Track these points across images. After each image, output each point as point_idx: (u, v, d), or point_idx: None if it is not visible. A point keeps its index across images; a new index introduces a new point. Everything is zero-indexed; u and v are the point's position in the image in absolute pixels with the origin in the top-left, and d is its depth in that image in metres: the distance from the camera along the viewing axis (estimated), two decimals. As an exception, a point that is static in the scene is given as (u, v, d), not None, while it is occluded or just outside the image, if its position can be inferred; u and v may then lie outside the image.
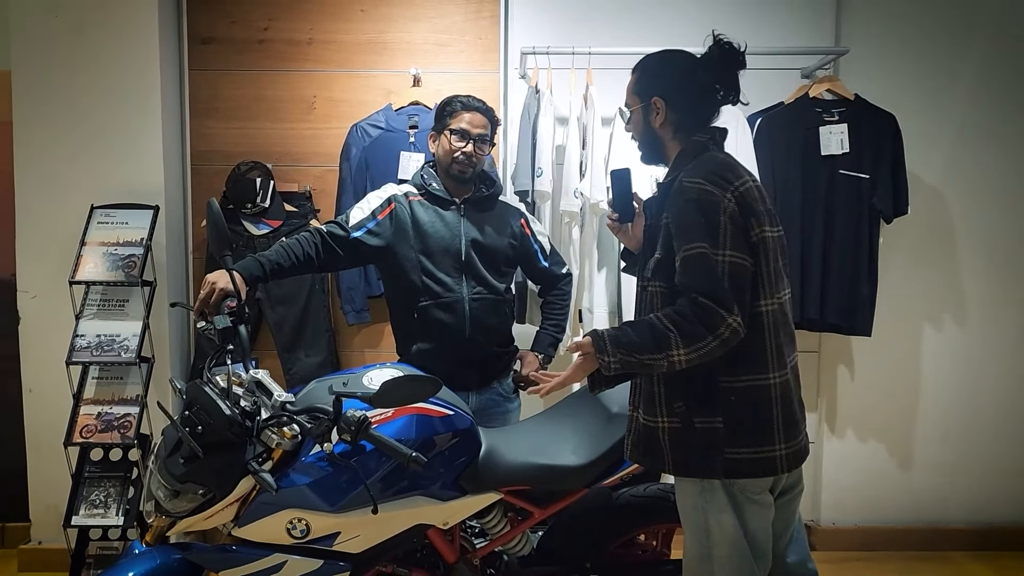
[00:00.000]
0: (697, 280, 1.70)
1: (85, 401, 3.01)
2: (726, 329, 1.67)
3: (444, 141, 2.46)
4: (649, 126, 1.93)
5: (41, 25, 3.16)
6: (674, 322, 1.70)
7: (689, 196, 1.74)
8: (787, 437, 1.79)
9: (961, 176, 3.42)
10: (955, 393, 3.52)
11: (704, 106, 1.91)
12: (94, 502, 2.96)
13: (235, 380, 1.91)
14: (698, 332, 1.68)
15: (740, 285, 1.70)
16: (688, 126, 1.90)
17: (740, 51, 1.88)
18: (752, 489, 1.81)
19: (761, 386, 1.78)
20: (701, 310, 1.68)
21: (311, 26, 3.36)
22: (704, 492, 1.82)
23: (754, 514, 1.82)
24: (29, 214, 3.21)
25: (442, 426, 1.98)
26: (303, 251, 2.34)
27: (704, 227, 1.71)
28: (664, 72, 1.92)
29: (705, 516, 1.82)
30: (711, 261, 1.69)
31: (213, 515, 1.86)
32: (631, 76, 1.98)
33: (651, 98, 1.91)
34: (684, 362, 1.69)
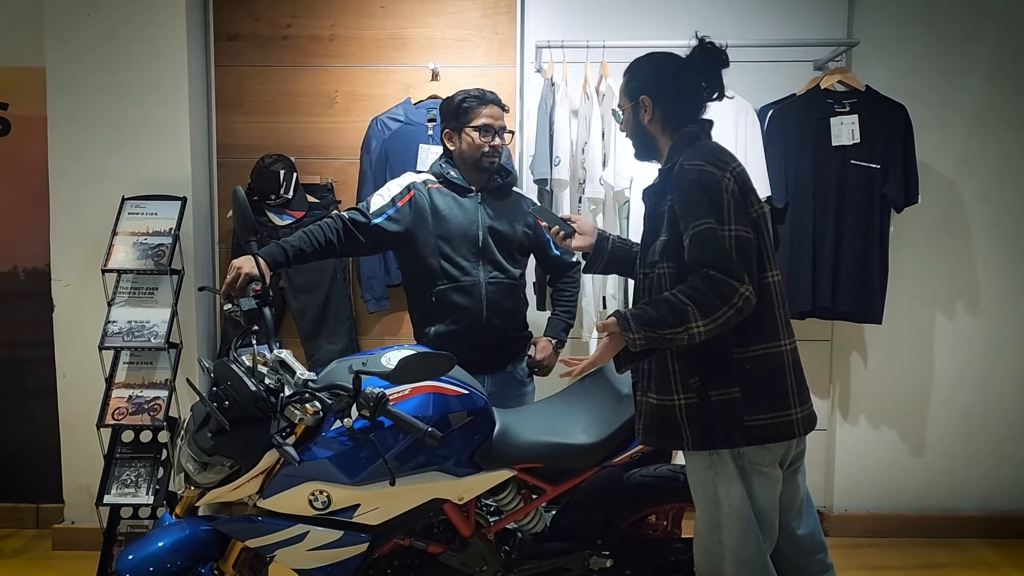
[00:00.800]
0: (707, 254, 1.79)
1: (116, 385, 3.13)
2: (739, 299, 1.75)
3: (469, 138, 2.53)
4: (640, 124, 2.04)
5: (74, 24, 3.28)
6: (689, 297, 1.78)
7: (692, 177, 1.83)
8: (800, 402, 1.90)
9: (972, 165, 3.45)
10: (967, 380, 3.55)
11: (690, 102, 2.02)
12: (125, 482, 3.08)
13: (260, 359, 2.01)
14: (713, 304, 1.76)
15: (747, 257, 1.79)
16: (675, 121, 2.00)
17: (722, 50, 1.99)
18: (761, 460, 1.89)
19: (774, 353, 1.88)
20: (713, 283, 1.76)
21: (332, 22, 3.45)
22: (714, 465, 1.89)
23: (762, 486, 1.90)
24: (62, 206, 3.34)
25: (457, 404, 2.06)
26: (325, 237, 2.43)
27: (709, 204, 1.80)
28: (650, 73, 2.03)
29: (715, 488, 1.90)
30: (719, 235, 1.78)
31: (239, 487, 1.94)
32: (622, 80, 2.09)
33: (639, 97, 2.01)
34: (703, 333, 1.77)
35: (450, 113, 2.57)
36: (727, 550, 1.91)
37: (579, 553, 2.26)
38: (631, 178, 3.18)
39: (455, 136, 2.57)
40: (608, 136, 3.14)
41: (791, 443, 1.96)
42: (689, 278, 1.81)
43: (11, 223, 3.57)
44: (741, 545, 1.90)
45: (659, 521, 2.46)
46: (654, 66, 2.04)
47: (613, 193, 3.15)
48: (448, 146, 2.60)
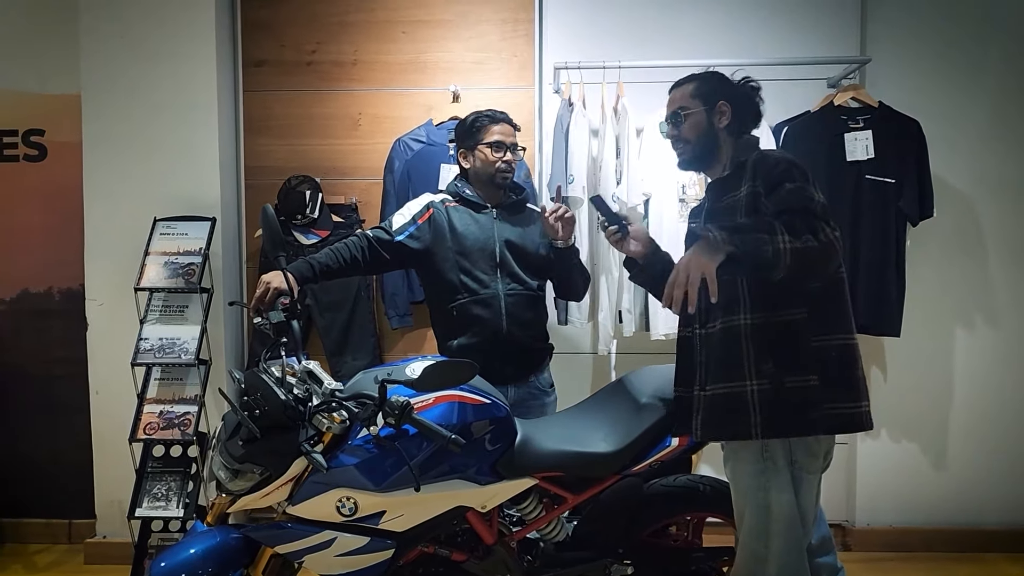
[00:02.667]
0: (794, 201, 1.82)
1: (148, 400, 3.22)
2: (824, 235, 1.74)
3: (481, 155, 2.61)
4: (712, 127, 2.11)
5: (109, 50, 3.41)
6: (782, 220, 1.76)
7: (777, 157, 1.95)
8: (867, 395, 1.97)
9: (986, 179, 3.47)
10: (988, 393, 3.54)
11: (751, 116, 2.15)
12: (156, 495, 3.16)
13: (289, 370, 2.08)
14: (799, 228, 1.73)
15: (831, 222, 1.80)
16: (739, 131, 2.11)
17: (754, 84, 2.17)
18: (810, 467, 1.94)
19: (851, 345, 1.94)
20: (800, 216, 1.77)
21: (356, 48, 3.56)
22: (767, 471, 1.94)
23: (808, 491, 1.96)
24: (97, 227, 3.45)
25: (480, 413, 2.11)
26: (351, 254, 2.52)
27: (798, 174, 1.88)
28: (724, 82, 2.15)
29: (767, 494, 1.94)
30: (807, 192, 1.84)
31: (269, 494, 2.01)
32: (687, 85, 2.16)
33: (718, 102, 2.10)
34: (789, 251, 1.70)
35: (464, 133, 2.66)
36: (772, 555, 1.95)
37: (600, 562, 2.29)
38: (643, 194, 3.24)
39: (469, 155, 2.65)
40: (623, 154, 3.20)
41: (830, 449, 2.02)
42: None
43: (47, 245, 3.69)
44: (787, 551, 1.95)
45: (679, 531, 2.47)
46: (725, 78, 2.17)
47: (626, 210, 3.21)
48: (464, 165, 2.69)
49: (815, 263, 1.76)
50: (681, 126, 2.16)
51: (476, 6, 3.53)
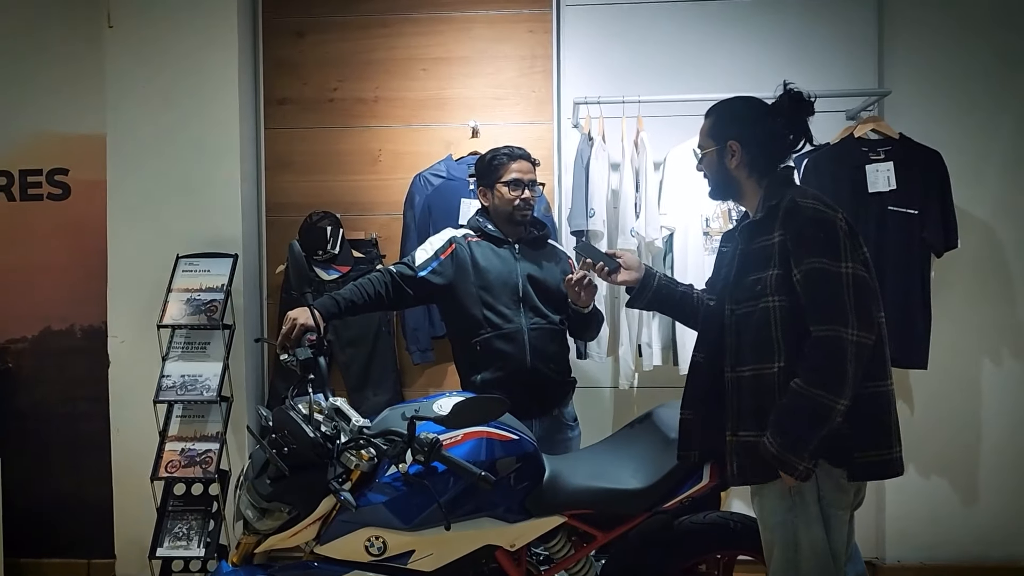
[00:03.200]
0: (820, 294, 1.81)
1: (170, 438, 3.21)
2: (851, 347, 1.76)
3: (500, 193, 2.63)
4: (724, 167, 2.08)
5: (134, 92, 3.46)
6: (814, 383, 1.79)
7: (808, 214, 1.86)
8: (899, 440, 1.93)
9: (1010, 209, 3.45)
10: (1017, 427, 3.48)
11: (777, 148, 2.06)
12: (177, 535, 3.13)
13: (316, 407, 2.07)
14: (837, 370, 1.77)
15: (864, 294, 1.81)
16: (761, 167, 2.04)
17: (809, 99, 2.02)
18: (839, 503, 1.91)
19: (883, 392, 1.90)
20: (824, 348, 1.79)
21: (377, 85, 3.60)
22: (795, 507, 1.90)
23: (839, 528, 1.92)
24: (120, 265, 3.47)
25: (508, 450, 2.09)
26: (375, 290, 2.52)
27: (825, 241, 1.83)
28: (738, 117, 2.07)
29: (795, 530, 1.91)
30: (832, 274, 1.81)
31: (297, 533, 1.99)
32: (705, 120, 2.14)
33: (727, 141, 2.05)
34: (846, 405, 1.77)
35: (483, 170, 2.68)
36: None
37: (630, 601, 2.26)
38: (666, 228, 3.24)
39: (488, 192, 2.67)
40: (642, 188, 3.20)
41: (862, 487, 1.99)
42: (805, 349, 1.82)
43: (69, 283, 3.71)
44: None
45: (710, 569, 2.43)
46: (742, 111, 2.08)
47: (645, 244, 3.21)
48: (483, 202, 2.71)
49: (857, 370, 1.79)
50: (701, 163, 2.16)
51: (495, 44, 3.57)
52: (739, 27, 3.47)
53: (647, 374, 3.39)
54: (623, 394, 3.50)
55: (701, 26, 3.48)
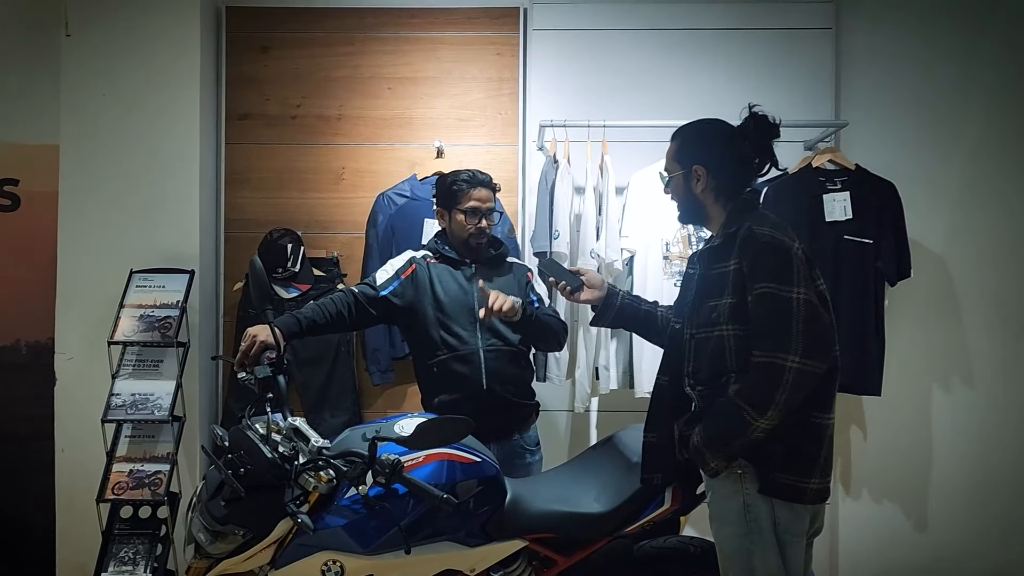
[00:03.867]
0: (769, 318, 1.84)
1: (118, 459, 3.09)
2: (790, 373, 1.79)
3: (457, 219, 2.62)
4: (690, 191, 2.09)
5: (90, 103, 3.37)
6: (742, 396, 1.84)
7: (763, 240, 1.88)
8: (821, 474, 1.91)
9: (962, 241, 3.54)
10: (968, 454, 3.56)
11: (742, 172, 2.07)
12: (123, 559, 3.01)
13: (274, 427, 2.02)
14: (765, 394, 1.81)
15: (815, 322, 1.82)
16: (728, 191, 2.05)
17: (774, 122, 2.04)
18: (795, 529, 1.91)
19: (822, 425, 1.92)
20: (760, 371, 1.82)
21: (341, 103, 3.58)
22: (751, 534, 1.91)
23: (795, 555, 1.93)
24: (70, 279, 3.36)
25: (470, 472, 2.07)
26: (336, 309, 2.49)
27: (779, 266, 1.85)
28: (704, 141, 2.08)
29: (750, 556, 1.92)
30: (784, 301, 1.82)
31: (251, 556, 1.94)
32: (671, 143, 2.14)
33: (692, 166, 2.06)
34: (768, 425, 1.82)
35: (442, 193, 2.68)
36: None
37: (590, 626, 2.24)
38: (627, 251, 3.26)
39: (446, 215, 2.67)
40: (604, 211, 3.23)
41: (817, 515, 2.00)
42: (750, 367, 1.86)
43: (16, 297, 3.60)
44: None
45: (669, 594, 2.43)
46: (708, 135, 2.09)
47: (604, 265, 3.23)
48: (440, 223, 2.71)
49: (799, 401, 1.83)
50: (668, 186, 2.17)
51: (461, 64, 3.57)
52: (702, 56, 3.53)
53: (605, 398, 3.39)
54: (580, 417, 3.50)
55: (666, 54, 3.54)
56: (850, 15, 3.55)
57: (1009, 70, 3.54)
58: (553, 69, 3.55)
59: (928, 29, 3.55)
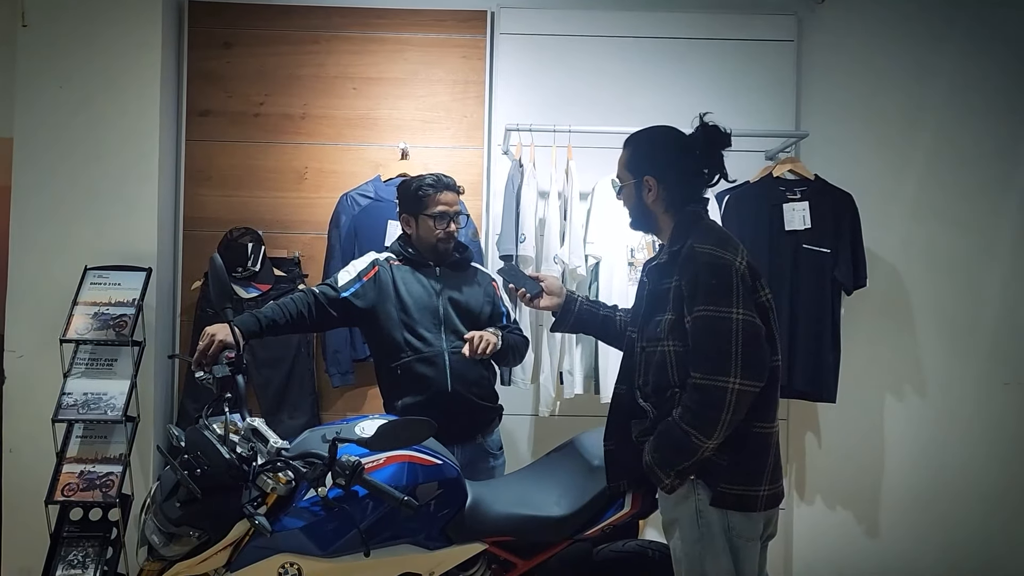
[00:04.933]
0: (706, 342, 1.85)
1: (68, 460, 3.02)
2: (732, 395, 1.81)
3: (425, 225, 2.60)
4: (641, 201, 2.09)
5: (46, 96, 3.31)
6: (688, 422, 1.85)
7: (703, 260, 1.88)
8: (771, 480, 1.94)
9: (917, 251, 3.64)
10: (919, 460, 3.65)
11: (693, 183, 2.07)
12: (72, 562, 2.94)
13: (232, 427, 1.99)
14: (709, 417, 1.83)
15: (752, 342, 1.83)
16: (678, 201, 2.05)
17: (725, 132, 2.05)
18: (747, 533, 1.93)
19: (766, 433, 1.94)
20: (702, 394, 1.84)
21: (305, 102, 3.55)
22: (703, 539, 1.92)
23: (748, 559, 1.94)
24: (22, 276, 3.29)
25: (431, 474, 2.06)
26: (296, 309, 2.47)
27: (717, 288, 1.85)
28: (655, 152, 2.08)
29: (702, 561, 1.93)
30: (723, 323, 1.83)
31: (206, 559, 1.91)
32: (623, 151, 2.14)
33: (643, 176, 2.06)
34: (715, 444, 1.85)
35: (407, 199, 2.65)
36: None
37: (549, 630, 2.24)
38: (593, 257, 3.28)
39: (412, 221, 2.64)
40: (569, 216, 3.24)
41: (771, 519, 2.03)
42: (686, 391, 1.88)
43: (-37, 293, 3.50)
44: None
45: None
46: (660, 145, 2.08)
47: (568, 270, 3.24)
48: (406, 230, 2.68)
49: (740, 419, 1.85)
50: (620, 195, 2.18)
51: (428, 66, 3.57)
52: (668, 65, 3.58)
53: (569, 402, 3.40)
54: (544, 422, 3.50)
55: (632, 62, 3.58)
56: (812, 29, 3.64)
57: (961, 86, 3.65)
58: (520, 73, 3.56)
59: (886, 44, 3.65)
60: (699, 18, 3.59)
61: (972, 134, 3.65)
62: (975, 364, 3.65)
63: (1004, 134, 3.65)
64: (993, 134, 3.65)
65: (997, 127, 3.65)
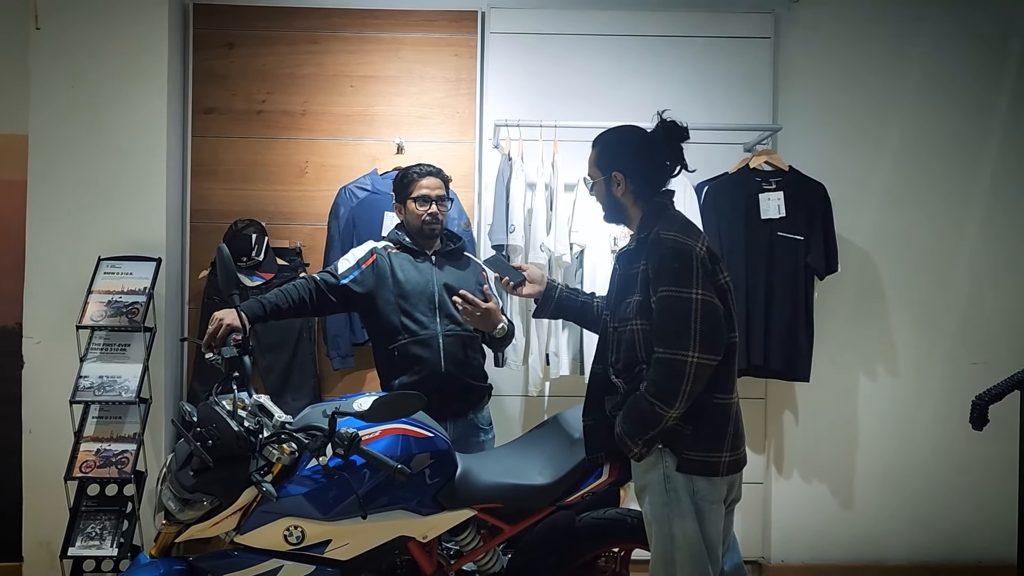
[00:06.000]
0: (667, 319, 2.04)
1: (85, 439, 3.21)
2: (691, 367, 1.99)
3: (410, 208, 2.80)
4: (612, 195, 2.28)
5: (59, 95, 3.47)
6: (652, 394, 2.03)
7: (668, 246, 2.07)
8: (732, 447, 2.12)
9: (885, 239, 3.80)
10: (890, 437, 3.81)
11: (657, 175, 2.26)
12: (90, 535, 3.14)
13: (240, 404, 2.17)
14: (671, 388, 2.01)
15: (711, 320, 2.02)
16: (646, 193, 2.24)
17: (682, 127, 2.23)
18: (711, 496, 2.10)
19: (725, 404, 2.12)
20: (664, 367, 2.02)
21: (305, 99, 3.72)
22: (671, 502, 2.10)
23: (712, 521, 2.11)
24: (39, 266, 3.46)
25: (423, 446, 2.22)
26: (299, 295, 2.64)
27: (680, 271, 2.04)
28: (621, 149, 2.27)
29: (670, 523, 2.10)
30: (683, 302, 2.02)
31: (218, 523, 2.07)
32: (592, 150, 2.33)
33: (612, 172, 2.25)
34: (678, 414, 2.03)
35: (397, 186, 2.86)
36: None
37: (534, 591, 2.41)
38: (578, 245, 3.45)
39: (402, 207, 2.84)
40: (555, 206, 3.42)
41: (734, 483, 2.20)
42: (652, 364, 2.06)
43: (-18, 283, 3.67)
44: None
45: (608, 563, 2.60)
46: (625, 142, 2.27)
47: (554, 258, 3.42)
48: (398, 217, 2.88)
49: (700, 390, 2.03)
50: (592, 191, 2.37)
51: (422, 65, 3.74)
52: (650, 62, 3.74)
53: (557, 383, 3.58)
54: (533, 401, 3.69)
55: (615, 59, 3.74)
56: (788, 26, 3.79)
57: (930, 81, 3.81)
58: (509, 71, 3.72)
59: (859, 41, 3.80)
60: (680, 16, 3.74)
61: (940, 126, 3.81)
62: (945, 345, 3.82)
63: (971, 126, 3.81)
64: (960, 126, 3.81)
65: (964, 120, 3.81)
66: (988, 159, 3.82)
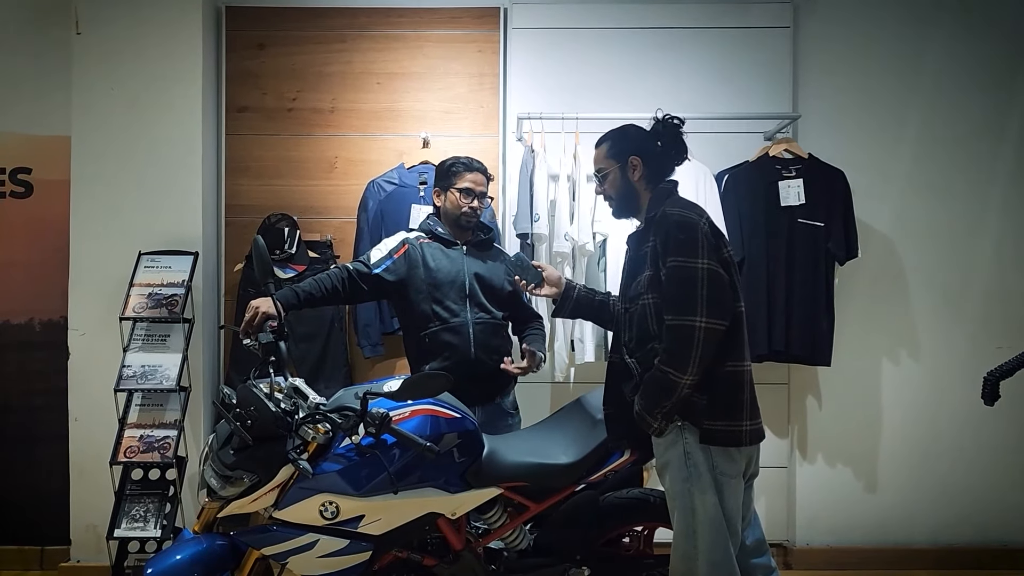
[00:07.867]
0: (675, 288, 2.14)
1: (129, 425, 3.35)
2: (700, 332, 2.08)
3: (452, 198, 2.89)
4: (628, 181, 2.39)
5: (99, 98, 3.63)
6: (665, 362, 2.13)
7: (674, 219, 2.20)
8: (751, 416, 2.21)
9: (905, 225, 3.83)
10: (914, 421, 3.84)
11: (666, 161, 2.40)
12: (134, 517, 3.27)
13: (276, 387, 2.28)
14: (683, 353, 2.10)
15: (718, 287, 2.12)
16: (655, 179, 2.38)
17: (678, 119, 2.39)
18: (729, 471, 2.18)
19: (739, 371, 2.21)
20: (675, 333, 2.11)
21: (334, 97, 3.83)
22: (691, 477, 2.18)
23: (731, 494, 2.19)
24: (82, 261, 3.61)
25: (451, 426, 2.32)
26: (332, 284, 2.75)
27: (686, 242, 2.15)
28: (634, 137, 2.42)
29: (691, 497, 2.19)
30: (690, 271, 2.12)
31: (257, 499, 2.18)
32: (599, 148, 2.47)
33: (628, 158, 2.38)
34: (691, 380, 2.11)
35: (441, 173, 2.94)
36: (701, 553, 2.17)
37: (559, 567, 2.47)
38: (600, 234, 3.52)
39: (442, 194, 2.93)
40: (577, 197, 3.50)
41: (752, 457, 2.27)
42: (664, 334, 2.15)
43: (29, 278, 3.83)
44: (713, 549, 2.17)
45: (632, 541, 2.68)
46: (633, 134, 2.43)
47: (577, 247, 3.50)
48: (436, 202, 2.97)
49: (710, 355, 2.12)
50: (604, 184, 2.46)
51: (446, 61, 3.83)
52: (669, 54, 3.80)
53: (582, 369, 3.66)
54: (560, 387, 3.76)
55: (635, 51, 3.80)
56: (807, 15, 3.83)
57: (948, 68, 3.83)
58: (531, 65, 3.81)
59: (877, 29, 3.83)
60: (699, 8, 3.80)
61: (960, 112, 3.83)
62: (968, 329, 3.84)
63: (990, 111, 3.83)
64: (979, 111, 3.83)
65: (984, 104, 3.83)
66: (1009, 144, 3.84)
